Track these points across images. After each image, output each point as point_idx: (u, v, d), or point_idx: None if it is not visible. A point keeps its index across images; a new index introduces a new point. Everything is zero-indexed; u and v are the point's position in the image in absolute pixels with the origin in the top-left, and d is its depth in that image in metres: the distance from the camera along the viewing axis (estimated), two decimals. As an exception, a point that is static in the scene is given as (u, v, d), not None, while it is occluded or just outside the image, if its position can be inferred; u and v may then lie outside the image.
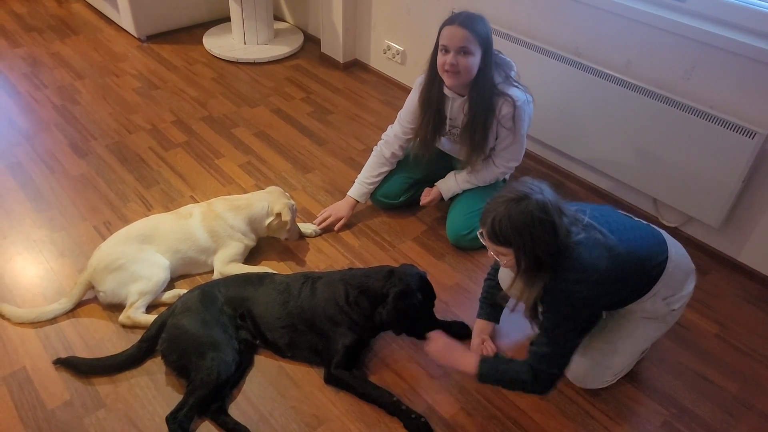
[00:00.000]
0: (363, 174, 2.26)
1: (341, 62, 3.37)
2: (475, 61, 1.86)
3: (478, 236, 1.47)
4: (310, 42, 3.63)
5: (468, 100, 1.96)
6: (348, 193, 2.26)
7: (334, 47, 3.37)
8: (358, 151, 2.72)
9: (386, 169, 2.24)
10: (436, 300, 1.75)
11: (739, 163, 1.95)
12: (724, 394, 1.74)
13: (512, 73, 1.99)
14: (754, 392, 1.75)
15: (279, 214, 2.04)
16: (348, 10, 3.18)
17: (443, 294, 2.00)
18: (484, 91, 1.92)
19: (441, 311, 1.92)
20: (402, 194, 2.28)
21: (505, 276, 1.67)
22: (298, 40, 3.58)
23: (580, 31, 2.30)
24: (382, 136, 2.24)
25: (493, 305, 1.80)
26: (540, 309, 1.48)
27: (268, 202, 2.07)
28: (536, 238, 1.35)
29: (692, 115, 2.02)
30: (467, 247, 2.18)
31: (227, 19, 3.61)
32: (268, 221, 2.05)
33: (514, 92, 1.94)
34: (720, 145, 1.97)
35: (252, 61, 3.39)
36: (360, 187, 2.25)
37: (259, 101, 3.05)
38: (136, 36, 3.55)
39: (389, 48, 3.16)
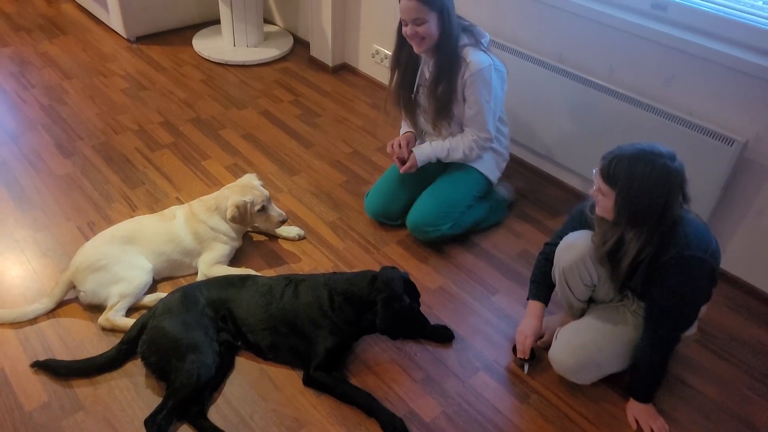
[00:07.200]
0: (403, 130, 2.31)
1: (330, 66, 3.38)
2: (431, 26, 1.93)
3: (594, 173, 1.51)
4: (300, 45, 3.64)
5: (433, 60, 2.05)
6: (414, 153, 2.16)
7: (323, 51, 3.38)
8: (346, 154, 2.73)
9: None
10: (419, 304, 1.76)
11: (718, 171, 1.97)
12: (703, 398, 1.76)
13: (483, 40, 2.04)
14: (732, 397, 1.77)
15: (236, 207, 1.98)
16: (337, 14, 3.19)
17: (427, 297, 2.01)
18: (447, 51, 1.98)
19: (424, 315, 1.93)
20: (401, 216, 2.25)
21: (578, 242, 1.66)
22: (287, 43, 3.59)
23: (564, 39, 2.33)
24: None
25: (545, 284, 1.77)
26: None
27: (229, 199, 2.01)
28: (643, 192, 1.39)
29: (672, 122, 2.04)
30: (422, 240, 2.20)
31: (217, 21, 3.61)
32: (229, 217, 1.99)
33: (477, 57, 1.98)
34: (699, 153, 2.00)
35: (241, 64, 3.40)
36: (410, 133, 2.27)
37: (247, 103, 3.06)
38: (125, 37, 3.54)
39: (378, 52, 3.17)
